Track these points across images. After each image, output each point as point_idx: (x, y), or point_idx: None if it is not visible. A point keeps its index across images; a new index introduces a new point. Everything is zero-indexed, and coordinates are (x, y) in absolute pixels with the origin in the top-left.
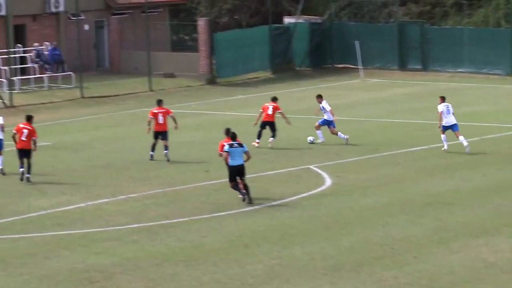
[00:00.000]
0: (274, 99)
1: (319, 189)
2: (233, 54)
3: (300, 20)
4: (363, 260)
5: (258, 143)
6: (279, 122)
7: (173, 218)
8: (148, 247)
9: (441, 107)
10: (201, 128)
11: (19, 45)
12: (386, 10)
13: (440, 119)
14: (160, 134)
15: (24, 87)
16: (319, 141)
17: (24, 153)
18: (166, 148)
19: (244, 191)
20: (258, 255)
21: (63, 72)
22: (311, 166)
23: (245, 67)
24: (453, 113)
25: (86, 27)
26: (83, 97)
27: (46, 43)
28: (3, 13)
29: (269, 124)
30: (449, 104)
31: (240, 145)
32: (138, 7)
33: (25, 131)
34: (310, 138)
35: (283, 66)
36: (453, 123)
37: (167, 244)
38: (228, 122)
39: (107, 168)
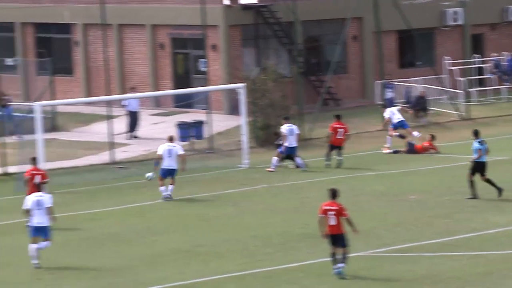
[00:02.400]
0: None
1: None
2: None
3: None
4: None
5: None
6: None
7: None
8: None
9: None
10: None
11: (476, 55)
12: None
13: None
14: None
15: (482, 99)
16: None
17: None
18: None
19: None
20: None
21: None
22: None
23: None
24: None
25: None
26: None
27: (504, 53)
28: (460, 22)
29: None
30: None
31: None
32: None
33: (341, 130)
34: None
35: None
36: None
37: None
38: None
39: None
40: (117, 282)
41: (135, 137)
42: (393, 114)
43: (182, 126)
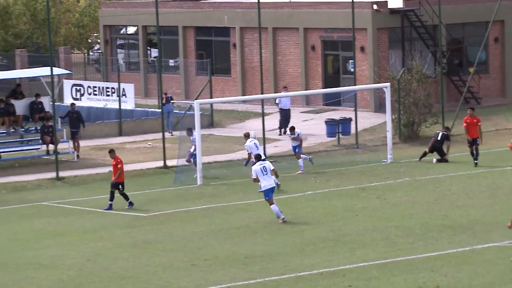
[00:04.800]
0: None
1: None
2: None
3: None
4: None
5: None
6: None
7: None
8: None
9: None
10: None
11: None
12: None
13: None
14: None
15: None
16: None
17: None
18: None
19: None
20: None
21: None
22: None
23: None
24: None
25: None
26: None
27: None
28: None
29: None
30: None
31: None
32: None
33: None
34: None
35: None
36: None
37: None
38: None
39: None
40: (267, 268)
41: (286, 133)
42: None
43: (330, 123)
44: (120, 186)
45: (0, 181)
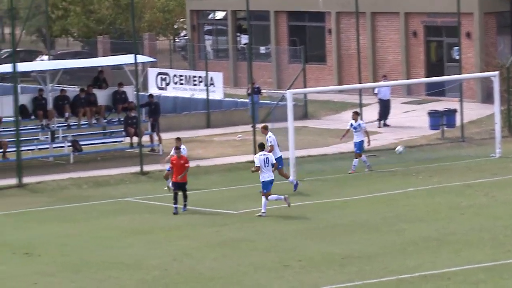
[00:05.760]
0: None
1: None
2: None
3: None
4: None
5: None
6: None
7: None
8: None
9: None
10: None
11: None
12: None
13: None
14: None
15: None
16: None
17: None
18: None
19: None
20: None
21: None
22: None
23: None
24: None
25: None
26: None
27: None
28: None
29: None
30: None
31: None
32: None
33: None
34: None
35: None
36: None
37: None
38: None
39: None
40: (366, 269)
41: (386, 125)
42: None
43: (434, 114)
44: (186, 187)
45: (82, 176)
